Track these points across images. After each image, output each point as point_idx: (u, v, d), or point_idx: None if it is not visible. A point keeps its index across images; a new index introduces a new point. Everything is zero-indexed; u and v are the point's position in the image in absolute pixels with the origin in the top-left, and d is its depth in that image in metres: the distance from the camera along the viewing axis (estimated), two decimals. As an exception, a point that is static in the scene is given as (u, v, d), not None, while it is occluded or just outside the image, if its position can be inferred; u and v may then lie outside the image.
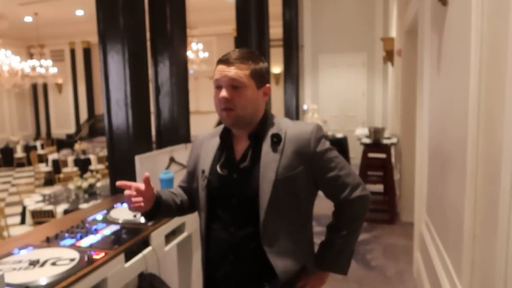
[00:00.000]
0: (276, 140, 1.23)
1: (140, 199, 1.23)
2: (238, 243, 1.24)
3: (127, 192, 1.23)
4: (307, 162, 1.23)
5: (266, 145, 1.23)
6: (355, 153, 7.25)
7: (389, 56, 5.85)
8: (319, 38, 8.06)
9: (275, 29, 7.03)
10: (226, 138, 1.30)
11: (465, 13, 1.67)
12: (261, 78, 1.24)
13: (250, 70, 1.21)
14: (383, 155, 4.86)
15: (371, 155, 4.93)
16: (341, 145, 7.31)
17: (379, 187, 5.50)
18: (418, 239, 3.17)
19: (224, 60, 1.21)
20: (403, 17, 4.52)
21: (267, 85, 1.27)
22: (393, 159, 5.27)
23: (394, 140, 5.06)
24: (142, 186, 1.24)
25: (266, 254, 1.21)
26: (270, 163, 1.21)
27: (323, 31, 8.02)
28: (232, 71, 1.19)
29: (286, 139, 1.23)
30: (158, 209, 1.30)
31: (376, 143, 4.85)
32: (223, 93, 1.19)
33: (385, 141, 4.91)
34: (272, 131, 1.25)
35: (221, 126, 1.34)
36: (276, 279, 1.21)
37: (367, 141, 4.92)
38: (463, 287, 1.67)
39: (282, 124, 1.27)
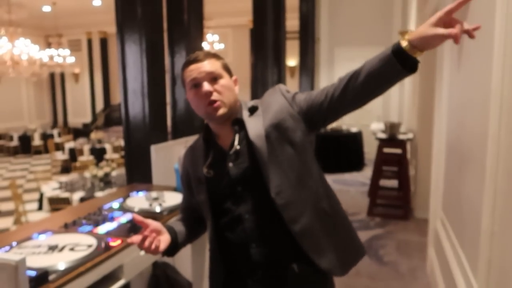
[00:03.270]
0: (253, 108, 1.26)
1: (157, 241, 1.18)
2: (257, 228, 1.21)
3: (143, 233, 1.17)
4: (287, 108, 1.22)
5: (247, 119, 1.24)
6: (370, 148, 7.19)
7: (407, 50, 5.74)
8: (336, 31, 7.96)
9: (292, 21, 6.98)
10: (209, 140, 1.30)
11: (489, 4, 1.63)
12: (230, 70, 1.29)
13: (220, 63, 1.25)
14: (398, 151, 4.80)
15: (386, 150, 4.88)
16: (355, 139, 7.26)
17: (394, 183, 5.45)
18: (432, 236, 3.14)
19: (193, 60, 1.23)
20: (423, 9, 4.43)
21: (235, 76, 1.31)
22: (408, 155, 5.20)
23: (410, 135, 4.99)
24: (159, 226, 1.20)
25: (289, 226, 1.17)
26: (256, 126, 1.22)
27: (340, 24, 7.92)
28: (206, 66, 1.21)
29: (262, 105, 1.26)
30: (176, 242, 1.27)
31: (391, 138, 4.80)
32: (205, 87, 1.19)
33: (401, 136, 4.85)
34: (247, 108, 1.28)
35: (199, 135, 1.35)
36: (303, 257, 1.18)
37: (383, 136, 4.86)
38: (479, 285, 1.65)
39: (255, 101, 1.30)
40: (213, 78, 1.21)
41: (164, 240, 1.21)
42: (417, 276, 3.22)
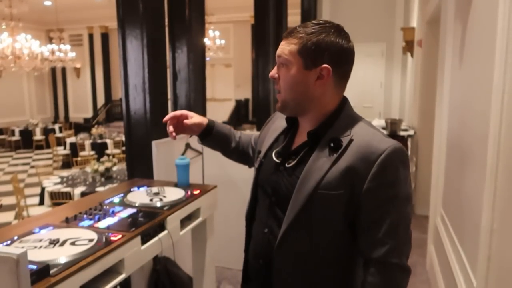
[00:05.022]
0: (334, 146, 0.98)
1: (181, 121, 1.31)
2: (268, 247, 1.07)
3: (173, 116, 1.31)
4: (356, 186, 0.95)
5: (320, 149, 1.00)
6: (371, 144, 7.16)
7: (409, 46, 5.73)
8: (338, 27, 7.93)
9: (293, 17, 6.95)
10: (292, 124, 1.13)
11: (491, 1, 1.62)
12: (314, 55, 0.97)
13: (300, 45, 0.98)
14: (399, 147, 4.80)
15: (387, 146, 4.88)
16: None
17: (394, 179, 5.44)
18: (432, 232, 3.14)
19: (283, 36, 1.05)
20: (425, 6, 4.41)
21: (323, 65, 0.98)
22: (409, 152, 5.20)
23: (411, 132, 4.99)
24: (184, 112, 1.32)
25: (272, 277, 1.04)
26: (315, 171, 0.97)
27: (342, 20, 7.77)
28: (281, 46, 1.02)
29: (348, 149, 0.97)
30: (212, 127, 1.34)
31: (392, 134, 4.80)
32: (271, 72, 1.05)
33: (402, 133, 4.85)
34: (336, 132, 1.00)
35: None
36: None
37: (384, 132, 4.87)
38: (478, 281, 1.66)
39: (354, 128, 1.00)
40: (281, 64, 1.03)
41: (195, 120, 1.32)
42: (417, 272, 3.23)
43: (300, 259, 1.02)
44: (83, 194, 4.41)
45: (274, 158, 1.11)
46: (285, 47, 1.01)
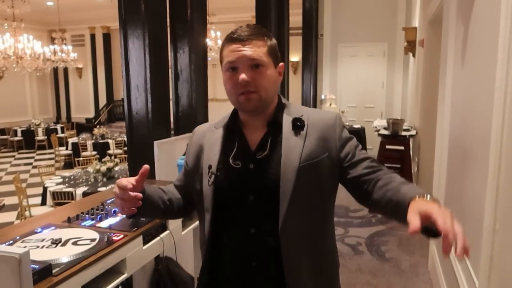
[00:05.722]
0: (300, 124, 1.11)
1: (137, 199, 1.04)
2: (261, 245, 1.09)
3: (124, 190, 1.02)
4: (332, 149, 1.11)
5: (287, 130, 1.11)
6: (373, 144, 7.17)
7: (410, 46, 5.73)
8: (339, 27, 7.93)
9: (295, 17, 6.95)
10: (234, 127, 1.16)
11: (493, 1, 1.62)
12: (276, 55, 1.12)
13: (267, 47, 1.09)
14: (401, 147, 4.80)
15: (388, 147, 4.88)
16: (358, 136, 7.24)
17: (396, 180, 5.44)
18: (434, 233, 3.14)
19: (236, 38, 1.07)
20: (427, 6, 4.40)
21: (281, 63, 1.15)
22: (411, 152, 5.19)
23: (412, 132, 4.98)
24: (134, 180, 1.05)
25: (282, 257, 1.06)
26: (292, 149, 1.08)
27: (344, 20, 7.89)
28: (249, 49, 1.06)
29: (309, 124, 1.12)
30: (140, 206, 1.07)
31: (394, 134, 4.80)
32: (243, 75, 1.05)
33: (404, 133, 4.84)
34: (291, 115, 1.13)
35: (224, 117, 1.22)
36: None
37: (385, 132, 4.86)
38: (480, 282, 1.65)
39: (302, 110, 1.16)
40: (254, 65, 1.07)
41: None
42: (419, 272, 3.22)
43: (305, 233, 1.10)
44: (85, 194, 4.42)
45: (233, 164, 1.11)
46: (257, 50, 1.07)
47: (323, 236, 1.15)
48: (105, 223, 1.69)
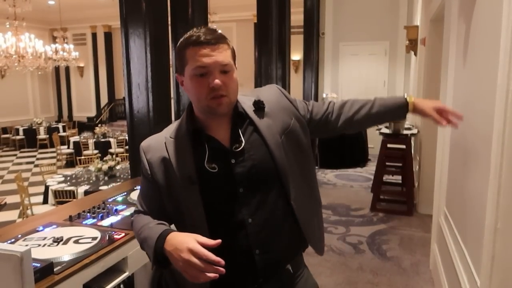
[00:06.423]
0: (261, 106, 1.18)
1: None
2: (262, 232, 1.12)
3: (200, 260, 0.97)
4: (293, 112, 1.24)
5: (254, 116, 1.17)
6: (374, 143, 7.17)
7: (412, 45, 5.71)
8: (341, 26, 7.92)
9: (296, 16, 6.94)
10: (198, 132, 1.15)
11: (495, 0, 1.61)
12: (235, 57, 1.15)
13: (230, 51, 1.12)
14: (402, 146, 4.79)
15: (390, 145, 4.87)
16: (359, 135, 7.24)
17: (398, 178, 5.44)
18: (435, 231, 3.14)
19: (205, 42, 1.05)
20: (428, 4, 4.39)
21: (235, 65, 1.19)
22: (412, 150, 5.19)
23: (414, 131, 4.97)
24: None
25: (301, 225, 1.19)
26: (269, 128, 1.17)
27: (345, 19, 7.87)
28: (219, 54, 1.06)
29: (266, 104, 1.20)
30: None
31: (395, 133, 4.78)
32: (217, 81, 1.05)
33: (405, 132, 4.83)
34: (248, 102, 1.19)
35: (172, 125, 1.21)
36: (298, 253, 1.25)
37: (387, 131, 4.85)
38: (481, 281, 1.65)
39: (251, 95, 1.22)
40: (225, 71, 1.08)
41: None
42: (420, 271, 3.22)
43: (305, 198, 1.23)
44: (86, 193, 4.43)
45: (209, 168, 1.11)
46: (225, 54, 1.09)
47: (314, 186, 1.32)
48: (106, 222, 1.70)
